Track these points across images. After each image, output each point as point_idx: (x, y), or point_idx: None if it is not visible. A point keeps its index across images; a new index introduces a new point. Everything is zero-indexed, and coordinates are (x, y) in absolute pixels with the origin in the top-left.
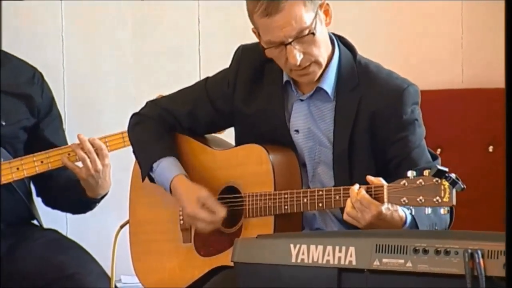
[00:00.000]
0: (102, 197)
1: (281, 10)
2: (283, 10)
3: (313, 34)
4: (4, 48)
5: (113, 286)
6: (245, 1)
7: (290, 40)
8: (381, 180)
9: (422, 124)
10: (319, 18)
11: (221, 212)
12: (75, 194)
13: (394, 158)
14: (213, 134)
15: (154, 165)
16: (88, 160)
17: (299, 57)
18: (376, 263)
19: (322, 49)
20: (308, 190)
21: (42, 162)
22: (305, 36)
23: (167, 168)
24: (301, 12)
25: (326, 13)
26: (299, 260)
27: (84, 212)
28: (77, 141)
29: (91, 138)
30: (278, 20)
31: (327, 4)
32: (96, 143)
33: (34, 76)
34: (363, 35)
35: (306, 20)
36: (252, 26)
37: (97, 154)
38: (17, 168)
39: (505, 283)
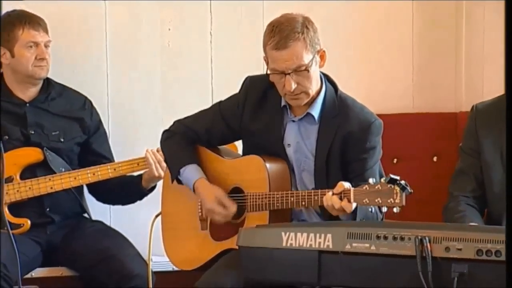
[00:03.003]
0: (152, 189)
1: (287, 47)
2: (289, 48)
3: (308, 71)
4: (62, 82)
5: (150, 263)
6: (247, 43)
7: (289, 71)
8: (344, 184)
9: (380, 151)
10: (315, 60)
11: (233, 207)
12: (133, 188)
13: (353, 172)
14: (224, 146)
15: (181, 170)
16: (158, 165)
17: (293, 85)
18: (348, 246)
19: (313, 83)
20: (295, 192)
21: (94, 174)
22: (301, 71)
23: (191, 172)
24: (302, 52)
25: (322, 57)
26: (288, 244)
27: (139, 200)
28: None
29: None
30: (283, 54)
31: (324, 51)
32: (158, 157)
33: (85, 103)
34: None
35: (304, 59)
36: (264, 55)
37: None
38: (75, 178)
39: (506, 282)
